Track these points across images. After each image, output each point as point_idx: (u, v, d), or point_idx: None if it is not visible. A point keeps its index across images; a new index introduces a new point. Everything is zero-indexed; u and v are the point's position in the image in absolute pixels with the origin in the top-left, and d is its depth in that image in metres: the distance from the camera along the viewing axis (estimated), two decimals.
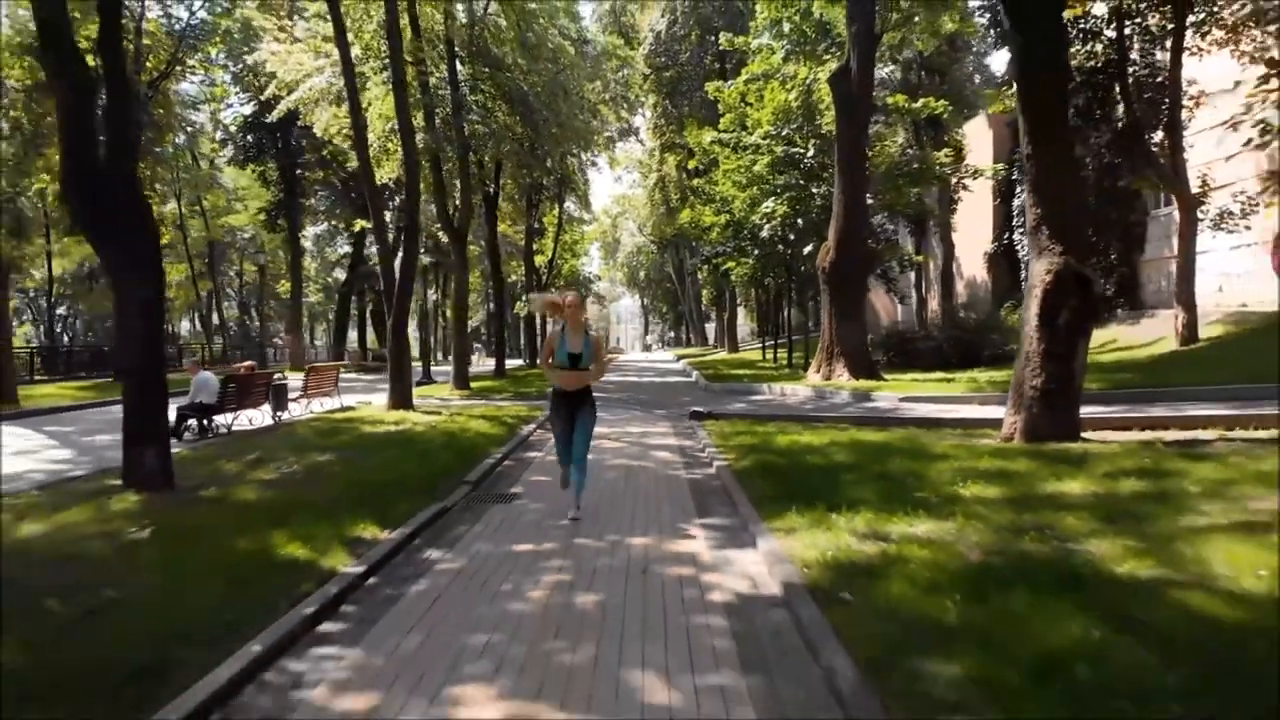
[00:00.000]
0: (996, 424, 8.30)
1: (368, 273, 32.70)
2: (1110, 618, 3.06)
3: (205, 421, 10.48)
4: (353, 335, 47.78)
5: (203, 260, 36.02)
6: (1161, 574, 3.58)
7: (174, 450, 6.96)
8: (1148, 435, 7.95)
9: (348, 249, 38.01)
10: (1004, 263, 25.90)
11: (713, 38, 30.11)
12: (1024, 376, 7.83)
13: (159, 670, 2.84)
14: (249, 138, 28.37)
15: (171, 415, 7.24)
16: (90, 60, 7.53)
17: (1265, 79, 11.44)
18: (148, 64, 21.42)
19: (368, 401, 14.69)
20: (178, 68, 22.84)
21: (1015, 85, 8.50)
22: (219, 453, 8.49)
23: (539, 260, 30.87)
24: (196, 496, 6.03)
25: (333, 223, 35.01)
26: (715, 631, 3.26)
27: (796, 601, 3.41)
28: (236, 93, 28.58)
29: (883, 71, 25.54)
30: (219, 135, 30.41)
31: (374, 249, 37.04)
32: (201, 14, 23.53)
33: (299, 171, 29.49)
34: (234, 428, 10.94)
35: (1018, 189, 23.54)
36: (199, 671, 2.81)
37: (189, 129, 27.64)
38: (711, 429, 9.67)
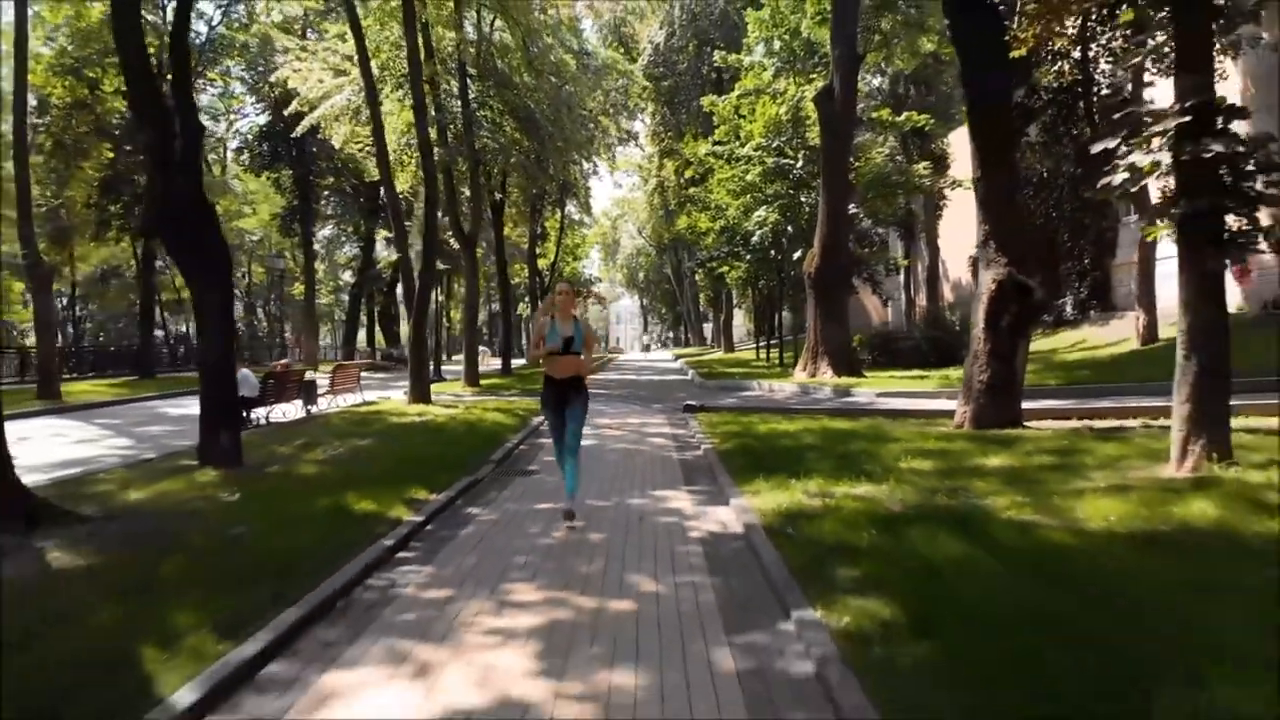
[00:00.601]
0: (954, 415, 9.45)
1: (375, 276, 33.82)
2: (979, 544, 4.21)
3: (246, 413, 11.62)
4: (360, 335, 48.84)
5: None
6: (1032, 518, 4.73)
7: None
8: (1082, 424, 9.11)
9: (353, 251, 39.18)
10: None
11: (709, 49, 31.28)
12: (972, 372, 8.99)
13: (292, 573, 3.99)
14: (264, 146, 29.54)
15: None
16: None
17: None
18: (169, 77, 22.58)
19: (386, 397, 15.85)
20: (198, 80, 24.00)
21: (968, 117, 9.66)
22: (266, 440, 9.63)
23: (542, 263, 32.03)
24: (265, 472, 7.18)
25: (342, 226, 36.15)
26: (691, 554, 4.42)
27: (752, 535, 4.58)
28: (253, 103, 29.77)
29: (873, 83, 26.74)
30: (235, 143, 31.63)
31: (381, 253, 38.31)
32: (220, 29, 24.69)
33: (311, 178, 30.66)
34: (271, 419, 12.09)
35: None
36: (326, 575, 3.96)
37: (208, 138, 28.83)
38: (702, 420, 10.83)
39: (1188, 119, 5.50)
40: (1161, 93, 16.85)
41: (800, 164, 20.20)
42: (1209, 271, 5.83)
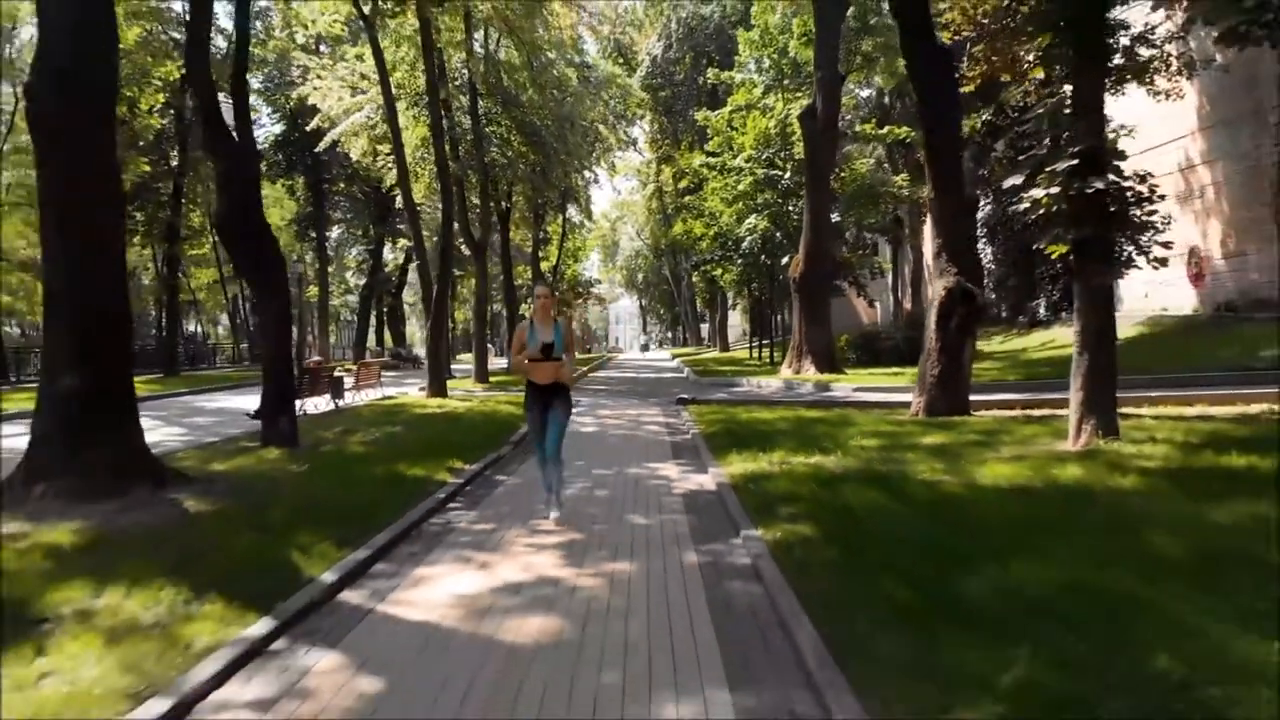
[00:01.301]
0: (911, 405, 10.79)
1: (384, 278, 35.13)
2: (891, 494, 5.55)
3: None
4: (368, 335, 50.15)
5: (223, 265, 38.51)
6: (940, 478, 6.07)
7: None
8: (1021, 412, 10.45)
9: (361, 254, 40.42)
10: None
11: (705, 61, 32.65)
12: (925, 368, 10.35)
13: (373, 515, 5.31)
14: (279, 155, 30.87)
15: (255, 403, 9.56)
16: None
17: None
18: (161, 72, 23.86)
19: (403, 392, 17.18)
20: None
21: (924, 146, 11.01)
22: (308, 428, 10.96)
23: (544, 266, 33.38)
24: (320, 451, 8.51)
25: (352, 230, 37.47)
26: (674, 503, 5.77)
27: (721, 491, 5.92)
28: (269, 113, 31.10)
29: (860, 94, 28.11)
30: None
31: (388, 255, 39.66)
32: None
33: (325, 185, 32.01)
34: (306, 412, 13.42)
35: (981, 203, 26.08)
36: (399, 515, 5.30)
37: None
38: (692, 411, 12.17)
39: (1076, 161, 6.85)
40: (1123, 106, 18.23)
41: (788, 175, 21.53)
42: (1096, 286, 7.17)
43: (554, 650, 3.14)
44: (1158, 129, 18.85)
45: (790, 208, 21.54)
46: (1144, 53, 9.09)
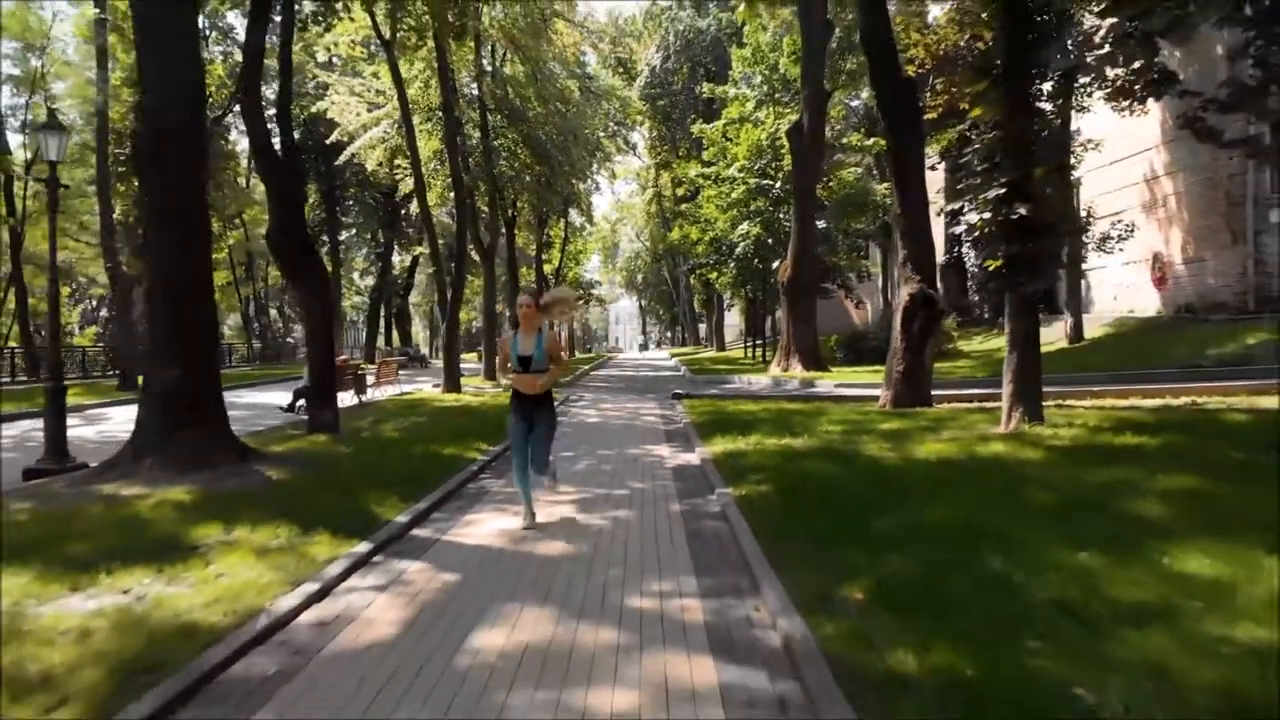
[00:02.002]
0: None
1: (392, 281, 36.41)
2: (840, 465, 6.85)
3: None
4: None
5: (239, 267, 39.85)
6: (884, 454, 7.35)
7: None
8: (975, 404, 11.73)
9: (368, 255, 41.73)
10: (953, 275, 29.73)
11: (702, 71, 33.97)
12: (892, 365, 11.63)
13: (421, 481, 6.60)
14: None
15: (281, 398, 10.88)
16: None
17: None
18: (213, 100, 25.21)
19: (418, 389, 18.47)
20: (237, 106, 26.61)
21: (890, 167, 12.30)
22: (343, 419, 12.24)
23: (547, 269, 34.69)
24: (360, 436, 9.81)
25: (361, 234, 38.80)
26: (665, 473, 7.08)
27: (704, 464, 7.22)
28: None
29: (852, 103, 29.39)
30: None
31: (395, 258, 40.97)
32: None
33: (336, 192, 33.33)
34: None
35: (965, 209, 27.37)
36: (443, 481, 6.60)
37: (241, 154, 31.49)
38: (686, 404, 13.45)
39: (1004, 190, 8.14)
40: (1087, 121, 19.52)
41: (779, 184, 22.83)
42: (1024, 295, 8.46)
43: (574, 560, 4.44)
44: (1124, 143, 20.19)
45: (781, 215, 22.83)
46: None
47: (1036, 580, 3.68)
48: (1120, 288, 22.25)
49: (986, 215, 8.24)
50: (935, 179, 28.97)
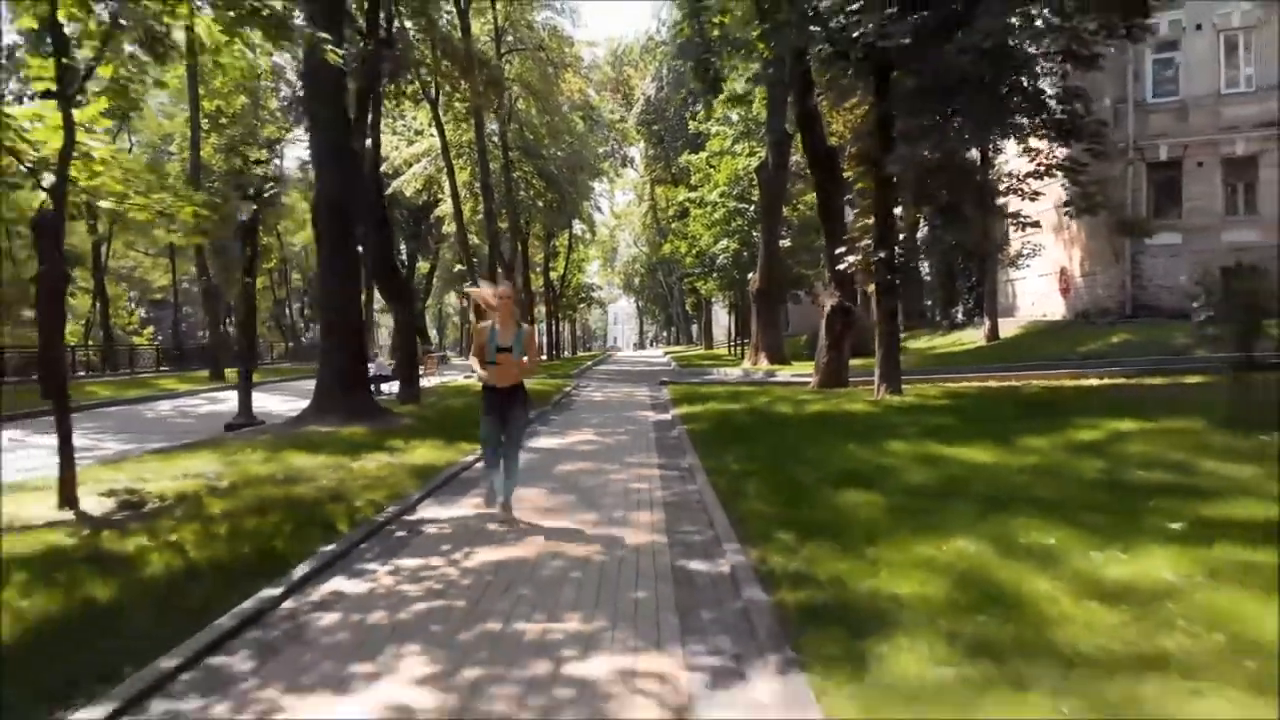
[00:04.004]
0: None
1: (414, 288, 40.58)
2: (753, 416, 11.09)
3: (383, 386, 18.44)
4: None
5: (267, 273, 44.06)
6: (785, 411, 11.59)
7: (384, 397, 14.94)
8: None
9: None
10: (912, 285, 34.00)
11: (694, 99, 38.15)
12: (819, 358, 15.86)
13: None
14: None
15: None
16: None
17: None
18: (265, 132, 29.43)
19: (449, 380, 22.67)
20: (288, 134, 30.86)
21: (819, 213, 16.53)
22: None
23: (553, 275, 38.97)
24: (435, 406, 13.98)
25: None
26: (647, 425, 11.37)
27: (673, 418, 11.48)
28: None
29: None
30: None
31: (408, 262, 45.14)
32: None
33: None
34: (393, 391, 18.90)
35: (920, 225, 31.66)
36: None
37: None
38: (670, 389, 17.67)
39: (868, 242, 12.37)
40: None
41: (753, 207, 27.06)
42: (887, 308, 12.69)
43: (598, 449, 8.68)
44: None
45: (755, 233, 27.06)
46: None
47: (827, 457, 7.91)
48: (1037, 295, 26.55)
49: (858, 259, 12.50)
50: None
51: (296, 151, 42.30)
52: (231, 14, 6.01)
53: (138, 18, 5.88)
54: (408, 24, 17.68)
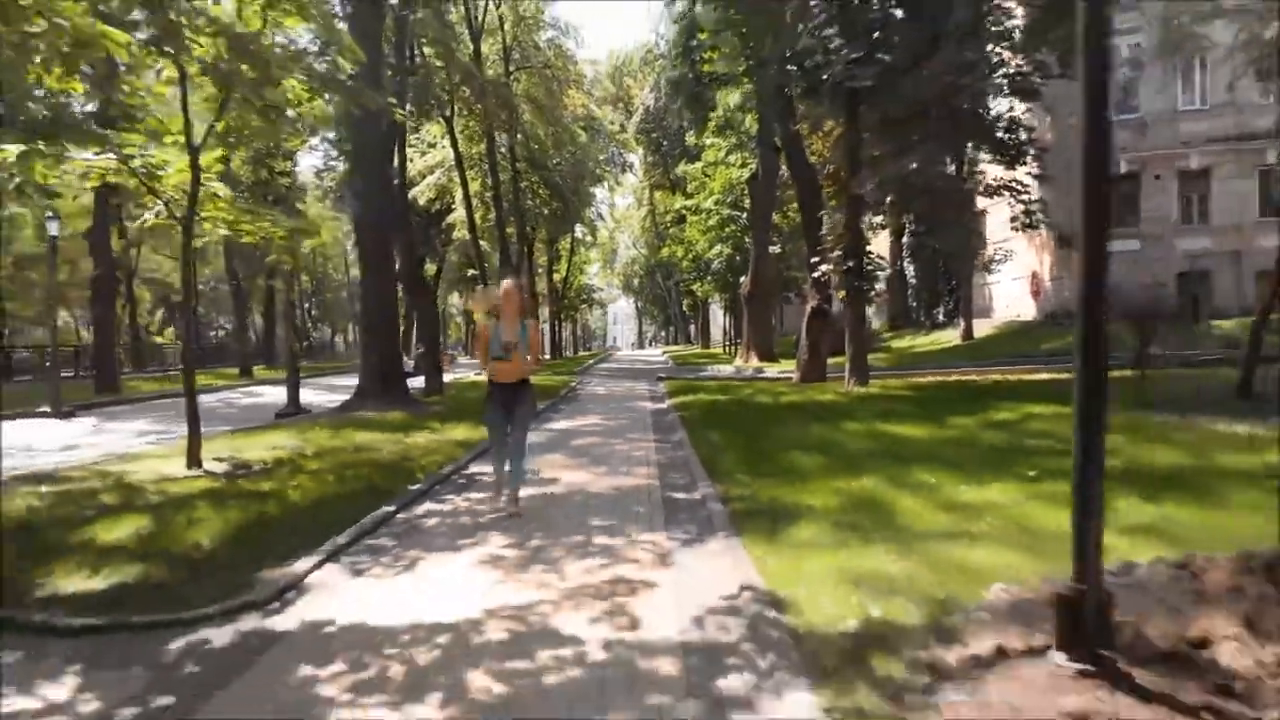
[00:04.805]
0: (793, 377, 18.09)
1: None
2: (737, 404, 12.87)
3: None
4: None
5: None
6: (765, 401, 13.36)
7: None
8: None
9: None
10: (898, 284, 35.77)
11: (690, 110, 39.93)
12: (799, 355, 17.63)
13: None
14: (345, 191, 38.11)
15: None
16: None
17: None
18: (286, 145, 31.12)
19: (462, 376, 24.43)
20: (306, 145, 32.57)
21: (802, 224, 18.30)
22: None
23: (555, 277, 40.73)
24: (458, 398, 15.75)
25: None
26: (645, 412, 13.15)
27: (669, 406, 13.26)
28: (335, 156, 38.45)
29: None
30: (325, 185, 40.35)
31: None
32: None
33: None
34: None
35: (906, 230, 33.47)
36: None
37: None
38: (666, 384, 19.45)
39: (839, 252, 14.13)
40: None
41: (745, 215, 28.82)
42: (855, 313, 14.46)
43: (604, 429, 10.45)
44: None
45: (747, 240, 28.83)
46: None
47: (790, 434, 9.68)
48: (1011, 298, 28.36)
49: (830, 267, 14.27)
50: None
51: (311, 160, 44.07)
52: (318, 83, 7.79)
53: (250, 86, 7.63)
54: (427, 50, 19.43)
